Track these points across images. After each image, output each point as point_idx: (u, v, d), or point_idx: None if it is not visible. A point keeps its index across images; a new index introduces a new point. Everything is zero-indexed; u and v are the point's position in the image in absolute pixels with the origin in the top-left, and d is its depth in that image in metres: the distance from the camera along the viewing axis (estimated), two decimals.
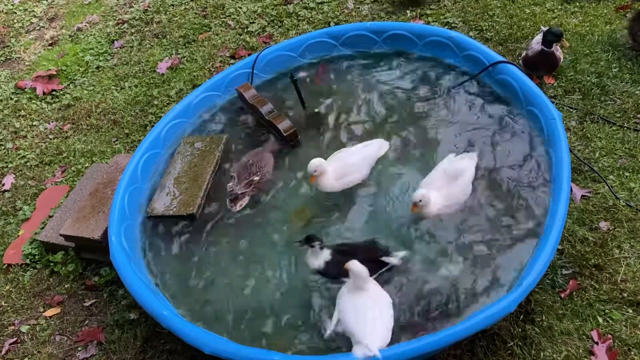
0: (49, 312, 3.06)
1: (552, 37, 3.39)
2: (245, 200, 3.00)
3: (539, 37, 3.52)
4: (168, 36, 4.93)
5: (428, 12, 4.40)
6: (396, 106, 3.34)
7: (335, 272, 2.49)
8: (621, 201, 2.86)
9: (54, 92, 4.64)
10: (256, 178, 2.99)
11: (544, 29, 3.54)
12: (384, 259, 2.52)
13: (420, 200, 2.56)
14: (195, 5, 5.23)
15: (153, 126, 3.46)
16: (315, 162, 2.75)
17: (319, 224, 2.81)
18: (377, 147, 2.98)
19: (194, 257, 2.84)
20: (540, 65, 3.51)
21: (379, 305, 2.28)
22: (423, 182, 2.72)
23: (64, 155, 4.02)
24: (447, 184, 2.64)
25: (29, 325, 3.03)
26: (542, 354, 2.39)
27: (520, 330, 2.48)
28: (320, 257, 2.52)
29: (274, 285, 2.64)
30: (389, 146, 3.02)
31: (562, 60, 3.54)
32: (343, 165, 2.84)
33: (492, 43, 3.98)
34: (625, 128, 3.21)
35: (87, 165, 3.86)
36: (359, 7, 4.65)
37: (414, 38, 3.54)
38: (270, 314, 2.54)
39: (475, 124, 3.12)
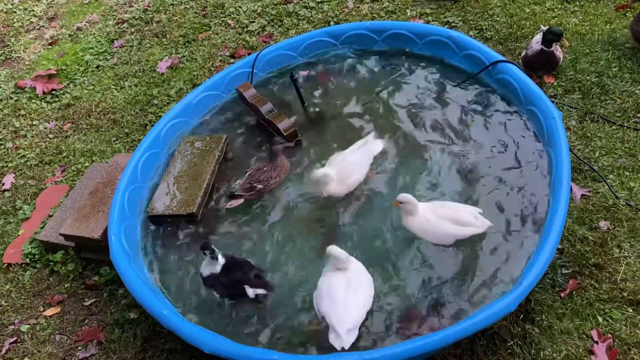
0: (49, 312, 3.06)
1: (552, 37, 3.39)
2: (238, 202, 3.00)
3: (538, 37, 3.52)
4: (168, 35, 4.93)
5: (428, 11, 4.40)
6: (395, 105, 3.34)
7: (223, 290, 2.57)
8: (621, 200, 2.86)
9: (53, 92, 4.64)
10: (259, 186, 2.98)
11: (544, 28, 3.54)
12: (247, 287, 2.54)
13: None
14: (195, 4, 5.23)
15: (153, 125, 3.46)
16: (320, 173, 2.77)
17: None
18: (373, 145, 2.99)
19: (194, 257, 2.84)
20: (540, 65, 3.51)
21: (354, 285, 2.34)
22: (430, 203, 2.63)
23: (64, 154, 4.01)
24: (443, 219, 2.54)
25: (29, 324, 3.03)
26: (542, 353, 2.39)
27: (520, 329, 2.48)
28: (209, 267, 2.55)
29: (274, 284, 2.63)
30: (383, 143, 3.02)
31: (562, 59, 3.53)
32: (344, 167, 2.85)
33: (492, 42, 3.98)
34: (625, 127, 3.20)
35: (87, 164, 3.86)
36: (358, 7, 4.65)
37: (413, 37, 3.54)
38: (270, 313, 2.54)
39: (474, 123, 3.12)
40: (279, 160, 3.06)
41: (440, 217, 2.55)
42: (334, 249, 2.38)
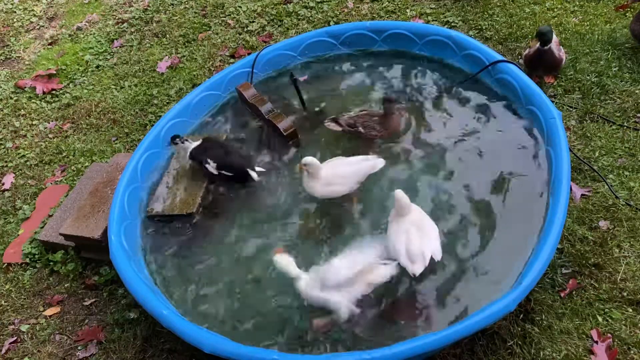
0: (49, 311, 3.06)
1: (540, 36, 3.37)
2: (336, 128, 3.15)
3: None
4: (168, 35, 4.93)
5: (428, 11, 4.40)
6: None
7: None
8: (621, 200, 2.86)
9: (53, 92, 4.64)
10: (360, 129, 3.05)
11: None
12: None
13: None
14: (195, 4, 5.23)
15: (153, 125, 3.46)
16: (309, 160, 2.75)
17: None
18: (373, 164, 2.87)
19: (193, 256, 2.85)
20: (537, 63, 3.48)
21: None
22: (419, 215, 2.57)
23: (64, 154, 4.01)
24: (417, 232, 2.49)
25: (29, 324, 3.03)
26: (541, 353, 2.39)
27: (520, 329, 2.48)
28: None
29: (273, 284, 2.64)
30: (383, 164, 2.89)
31: (564, 60, 3.52)
32: (333, 175, 2.80)
33: (492, 42, 3.98)
34: (624, 127, 3.20)
35: (87, 164, 3.86)
36: (358, 6, 4.65)
37: (413, 37, 3.54)
38: (270, 312, 2.54)
39: (474, 122, 3.12)
40: (391, 118, 3.08)
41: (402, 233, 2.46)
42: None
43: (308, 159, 2.75)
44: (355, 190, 2.85)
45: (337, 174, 2.81)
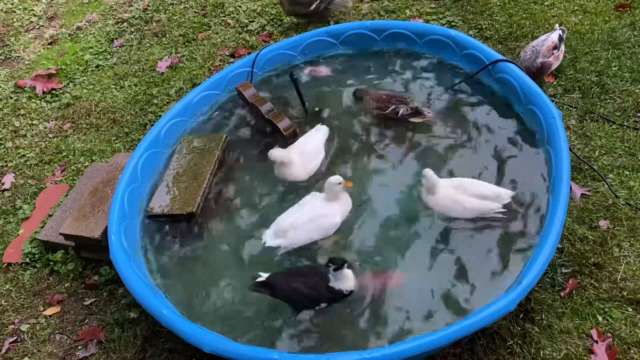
0: (49, 311, 3.06)
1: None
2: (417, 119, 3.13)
3: (540, 39, 3.50)
4: (168, 35, 4.93)
5: (428, 10, 4.40)
6: None
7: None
8: (621, 200, 2.86)
9: (53, 91, 4.64)
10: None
11: (558, 27, 3.52)
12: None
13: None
14: (195, 4, 5.23)
15: (153, 125, 3.46)
16: (275, 153, 2.94)
17: None
18: (324, 132, 3.16)
19: (193, 256, 2.85)
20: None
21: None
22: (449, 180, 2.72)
23: (64, 154, 4.01)
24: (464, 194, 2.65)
25: (29, 324, 3.03)
26: (541, 353, 2.39)
27: (520, 329, 2.48)
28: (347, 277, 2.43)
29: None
30: (328, 130, 3.18)
31: (553, 66, 3.49)
32: (304, 154, 3.01)
33: (492, 42, 3.98)
34: (625, 127, 3.21)
35: (86, 164, 3.86)
36: (358, 6, 4.65)
37: (413, 37, 3.54)
38: (270, 312, 2.54)
39: (473, 122, 3.12)
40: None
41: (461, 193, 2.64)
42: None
43: (274, 154, 2.95)
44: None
45: (306, 152, 3.03)
